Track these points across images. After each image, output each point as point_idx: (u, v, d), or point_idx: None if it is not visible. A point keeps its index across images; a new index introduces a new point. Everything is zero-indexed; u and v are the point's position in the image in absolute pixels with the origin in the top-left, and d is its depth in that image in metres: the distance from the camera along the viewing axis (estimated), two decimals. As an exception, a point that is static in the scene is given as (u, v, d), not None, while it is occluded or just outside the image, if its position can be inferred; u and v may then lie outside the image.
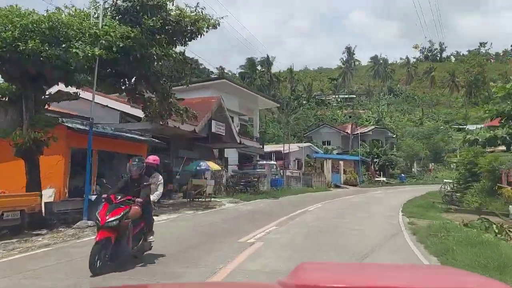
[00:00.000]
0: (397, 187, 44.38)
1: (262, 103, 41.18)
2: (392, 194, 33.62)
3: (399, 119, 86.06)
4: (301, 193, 30.51)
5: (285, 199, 25.20)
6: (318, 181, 39.69)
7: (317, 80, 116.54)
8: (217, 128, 26.26)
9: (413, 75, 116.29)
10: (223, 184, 25.99)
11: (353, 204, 22.67)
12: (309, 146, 47.36)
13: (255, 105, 40.93)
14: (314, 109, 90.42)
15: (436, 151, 61.30)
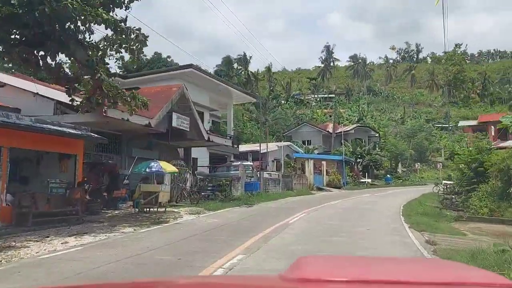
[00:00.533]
0: (384, 189, 40.47)
1: (236, 97, 36.70)
2: (382, 197, 29.54)
3: (380, 118, 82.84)
4: (281, 198, 26.12)
5: (262, 206, 20.74)
6: (299, 183, 35.42)
7: (295, 80, 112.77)
8: (179, 122, 21.64)
9: (392, 75, 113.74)
10: (186, 189, 21.34)
11: (344, 213, 18.36)
12: (289, 146, 43.08)
13: (228, 99, 36.40)
14: (293, 108, 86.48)
15: (420, 150, 57.86)
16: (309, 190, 34.13)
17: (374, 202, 25.06)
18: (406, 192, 36.28)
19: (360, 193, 34.35)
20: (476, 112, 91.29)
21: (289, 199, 25.64)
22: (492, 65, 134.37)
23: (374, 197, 29.83)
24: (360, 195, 30.90)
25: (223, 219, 15.02)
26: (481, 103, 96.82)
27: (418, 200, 26.18)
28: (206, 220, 14.66)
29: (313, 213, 17.78)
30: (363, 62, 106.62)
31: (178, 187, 21.29)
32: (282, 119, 66.64)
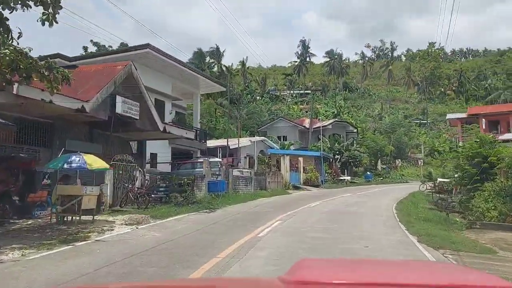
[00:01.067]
0: (366, 188, 37.03)
1: (204, 86, 32.49)
2: (367, 197, 25.95)
3: (357, 114, 79.96)
4: (252, 200, 22.14)
5: (227, 211, 16.70)
6: (274, 181, 31.55)
7: (270, 77, 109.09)
8: (125, 108, 17.36)
9: (368, 72, 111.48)
10: (134, 191, 17.07)
11: (328, 219, 14.50)
12: (263, 141, 39.16)
13: (195, 88, 32.19)
14: (269, 104, 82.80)
15: (400, 146, 54.87)
16: (285, 190, 30.29)
17: (360, 203, 21.37)
18: (390, 191, 32.89)
19: (340, 192, 30.73)
20: (453, 108, 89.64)
21: (261, 201, 21.68)
22: (465, 63, 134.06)
23: (358, 197, 26.23)
24: (341, 195, 27.25)
25: (167, 233, 10.91)
26: (457, 100, 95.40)
27: (410, 200, 22.65)
28: (143, 235, 10.52)
29: (290, 220, 13.87)
30: (339, 58, 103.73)
31: (124, 188, 17.04)
32: (256, 114, 62.77)
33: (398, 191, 32.82)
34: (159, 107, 27.98)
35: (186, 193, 19.44)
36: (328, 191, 31.71)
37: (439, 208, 21.37)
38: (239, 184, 25.81)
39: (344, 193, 28.89)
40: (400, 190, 33.37)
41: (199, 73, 30.42)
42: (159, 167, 26.64)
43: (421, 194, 28.65)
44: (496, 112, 30.63)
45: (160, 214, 14.40)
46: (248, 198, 22.31)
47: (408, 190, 33.03)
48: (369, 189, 34.15)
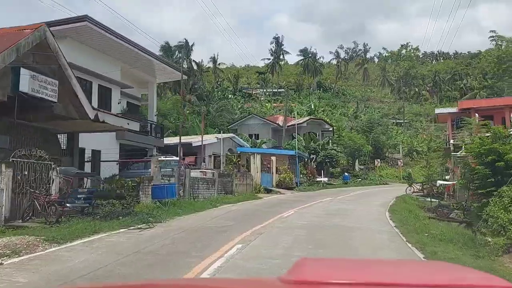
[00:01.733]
0: (345, 190, 33.14)
1: (161, 72, 27.76)
2: (349, 203, 21.91)
3: (332, 113, 76.59)
4: (212, 207, 17.70)
5: (170, 226, 12.17)
6: (243, 183, 27.22)
7: (244, 77, 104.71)
8: (35, 86, 12.63)
9: (342, 71, 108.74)
10: (41, 199, 12.32)
11: (309, 239, 10.16)
12: (232, 138, 34.79)
13: (150, 75, 27.50)
14: (241, 102, 78.53)
15: (377, 146, 51.43)
16: (255, 193, 25.95)
17: (345, 211, 17.25)
18: (374, 194, 29.07)
19: (318, 195, 26.65)
20: (428, 108, 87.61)
21: (223, 209, 17.24)
22: (436, 66, 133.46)
23: (339, 202, 22.17)
24: (320, 199, 23.15)
25: (43, 277, 6.39)
26: (432, 100, 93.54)
27: (403, 207, 18.68)
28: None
29: (256, 243, 9.53)
30: (313, 56, 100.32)
31: (29, 195, 12.31)
32: (226, 111, 58.27)
33: (382, 194, 29.05)
34: (104, 95, 23.31)
35: (126, 200, 14.86)
36: (304, 195, 27.59)
37: (439, 217, 17.51)
38: (199, 188, 21.33)
39: (322, 197, 24.82)
40: (384, 193, 29.63)
41: (152, 56, 25.70)
42: (104, 167, 21.87)
43: (410, 198, 24.89)
44: (490, 107, 27.21)
45: (67, 233, 9.80)
46: (207, 206, 17.86)
47: (392, 193, 29.31)
48: (349, 192, 30.24)
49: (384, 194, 29.42)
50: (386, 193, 30.02)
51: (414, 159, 55.09)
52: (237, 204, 19.96)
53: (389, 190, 34.29)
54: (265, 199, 23.58)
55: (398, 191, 32.36)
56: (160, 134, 27.56)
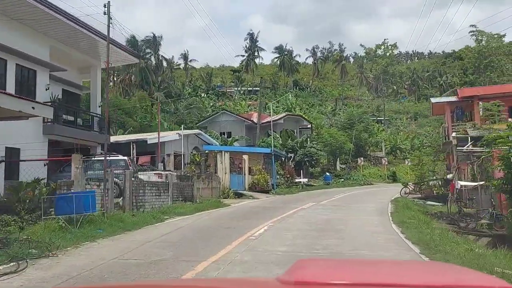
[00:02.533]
0: (328, 192, 28.59)
1: (110, 54, 22.46)
2: (338, 210, 17.23)
3: (309, 111, 72.37)
4: (153, 223, 12.63)
5: (55, 266, 7.13)
6: (207, 187, 22.29)
7: (218, 76, 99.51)
8: None
9: (319, 69, 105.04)
10: None
11: None
12: (198, 135, 29.80)
13: (93, 57, 22.23)
14: (213, 100, 73.49)
15: (358, 143, 47.16)
16: (221, 199, 20.94)
17: (337, 224, 12.53)
18: (362, 197, 24.56)
19: (298, 200, 21.94)
20: (407, 106, 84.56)
21: (169, 226, 12.21)
22: (411, 65, 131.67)
23: (326, 209, 17.47)
24: (301, 205, 18.42)
25: None
26: (410, 98, 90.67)
27: (411, 216, 14.08)
28: None
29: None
30: (289, 54, 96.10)
31: None
32: (197, 108, 53.16)
33: (372, 197, 24.59)
34: (26, 78, 18.02)
35: (30, 216, 9.75)
36: (282, 199, 22.83)
37: (462, 230, 13.01)
38: (146, 195, 16.24)
39: (303, 202, 20.11)
40: (374, 196, 25.19)
41: (97, 34, 20.43)
42: (27, 169, 16.51)
43: (408, 201, 20.43)
44: (498, 94, 23.04)
45: None
46: (150, 220, 12.84)
47: (383, 195, 24.92)
48: (332, 195, 25.65)
49: (374, 196, 24.98)
50: (376, 195, 25.60)
51: (398, 158, 51.24)
52: (193, 215, 14.98)
53: (377, 191, 29.94)
54: (233, 206, 18.64)
55: (387, 192, 28.02)
56: (106, 129, 22.28)
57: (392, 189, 32.15)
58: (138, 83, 65.13)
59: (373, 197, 24.48)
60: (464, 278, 1.49)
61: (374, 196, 24.95)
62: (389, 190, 31.75)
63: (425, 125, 68.45)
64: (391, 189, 32.25)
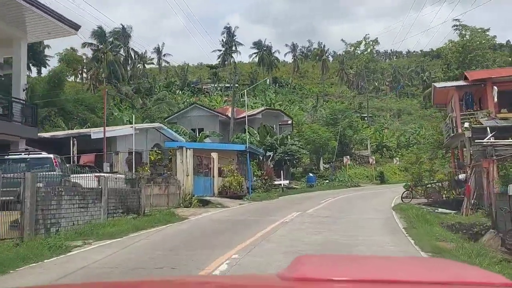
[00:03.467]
0: (312, 196, 24.08)
1: (38, 24, 17.30)
2: (332, 223, 12.62)
3: (290, 108, 67.92)
4: (30, 262, 7.78)
5: None
6: (162, 194, 17.41)
7: (196, 74, 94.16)
8: None
9: (299, 66, 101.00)
10: None
11: None
12: (159, 129, 24.83)
13: (17, 28, 17.03)
14: (187, 95, 68.35)
15: (343, 141, 42.85)
16: (179, 210, 16.04)
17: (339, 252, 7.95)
18: (354, 202, 20.10)
19: (279, 209, 17.28)
20: (388, 103, 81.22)
21: (53, 272, 7.31)
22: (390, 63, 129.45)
23: (315, 222, 12.85)
24: (282, 218, 13.77)
25: None
26: (391, 94, 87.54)
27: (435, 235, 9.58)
28: None
29: None
30: (268, 50, 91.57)
31: None
32: (167, 103, 48.01)
33: (367, 202, 20.16)
34: None
35: None
36: (258, 208, 18.12)
37: None
38: (63, 207, 11.27)
39: (285, 212, 15.48)
40: (369, 201, 20.77)
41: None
42: None
43: (417, 209, 15.97)
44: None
45: None
46: (43, 251, 7.97)
47: (379, 200, 20.59)
48: (319, 200, 21.12)
49: (368, 201, 20.57)
50: (370, 200, 21.22)
51: (384, 156, 47.23)
52: (124, 238, 10.10)
53: (369, 195, 25.61)
54: (190, 221, 13.79)
55: (382, 196, 23.72)
56: (32, 120, 17.18)
57: (385, 192, 27.91)
58: (105, 78, 59.61)
59: (368, 202, 20.05)
60: (464, 274, 1.48)
61: (369, 202, 20.52)
62: (382, 193, 27.49)
63: (410, 122, 65.06)
64: (384, 192, 28.01)
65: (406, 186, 21.06)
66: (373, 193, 27.30)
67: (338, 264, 1.76)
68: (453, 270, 1.62)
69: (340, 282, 1.30)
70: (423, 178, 24.92)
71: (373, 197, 23.80)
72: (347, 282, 1.30)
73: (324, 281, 1.31)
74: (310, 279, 1.32)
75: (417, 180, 24.83)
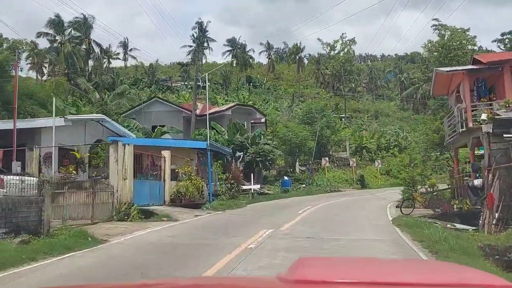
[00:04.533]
0: (287, 205, 19.78)
1: None
2: (315, 247, 8.31)
3: (264, 107, 63.77)
4: None
5: None
6: (87, 203, 12.77)
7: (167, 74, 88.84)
8: None
9: (274, 65, 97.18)
10: None
11: None
12: (101, 121, 19.98)
13: None
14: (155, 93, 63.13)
15: (321, 141, 38.76)
16: (98, 230, 11.35)
17: None
18: (340, 213, 15.84)
19: (243, 225, 12.87)
20: (365, 104, 78.18)
21: None
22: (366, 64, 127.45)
23: (293, 248, 8.55)
24: (246, 241, 9.37)
25: None
26: (367, 96, 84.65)
27: None
28: None
29: None
30: (242, 48, 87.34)
31: None
32: (128, 99, 42.89)
33: (354, 213, 15.99)
34: None
35: None
36: (216, 223, 13.63)
37: None
38: None
39: (251, 230, 11.08)
40: (356, 212, 16.60)
41: None
42: None
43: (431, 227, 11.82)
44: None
45: None
46: None
47: (369, 210, 16.47)
48: (296, 209, 16.85)
49: (358, 211, 16.42)
50: (359, 210, 17.08)
51: (364, 159, 43.54)
52: None
53: (353, 203, 21.54)
54: (106, 247, 9.08)
55: (369, 204, 19.70)
56: None
57: (370, 199, 23.96)
58: (63, 70, 53.94)
59: (357, 213, 15.88)
60: (465, 277, 1.47)
61: (358, 212, 16.36)
62: (367, 199, 23.54)
63: (388, 123, 61.98)
64: (369, 199, 24.07)
65: (406, 193, 16.75)
66: (357, 200, 23.28)
67: (339, 266, 1.72)
68: (453, 272, 1.59)
69: (341, 285, 1.26)
70: (416, 183, 21.10)
71: (360, 205, 19.73)
72: (348, 285, 1.26)
73: (325, 283, 1.28)
74: (310, 281, 1.28)
75: (410, 185, 20.96)
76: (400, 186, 38.36)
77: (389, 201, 21.49)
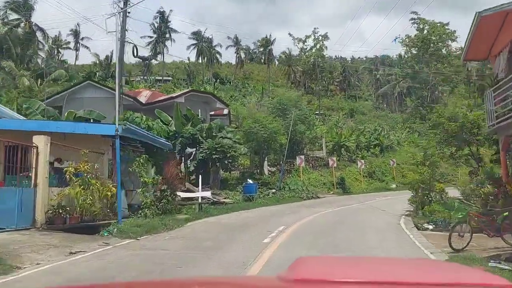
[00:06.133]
0: (248, 224, 12.65)
1: None
2: None
3: (231, 103, 56.54)
4: None
5: None
6: None
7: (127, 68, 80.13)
8: None
9: (243, 60, 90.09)
10: None
11: None
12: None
13: None
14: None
15: (294, 138, 31.65)
16: None
17: None
18: (332, 237, 8.77)
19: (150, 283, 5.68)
20: (339, 102, 72.46)
21: None
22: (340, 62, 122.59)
23: None
24: None
25: None
26: (340, 95, 78.89)
27: None
28: None
29: None
30: (208, 42, 79.65)
31: None
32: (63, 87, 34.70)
33: (366, 244, 8.91)
34: None
35: None
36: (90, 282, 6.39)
37: None
38: None
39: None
40: (362, 236, 9.54)
41: None
42: None
43: None
44: None
45: None
46: None
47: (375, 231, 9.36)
48: (262, 233, 9.78)
49: (364, 238, 9.41)
50: (361, 234, 10.09)
51: (343, 159, 36.94)
52: None
53: (343, 217, 14.61)
54: None
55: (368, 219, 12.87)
56: None
57: (364, 210, 17.19)
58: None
59: (366, 245, 8.91)
60: (464, 276, 1.44)
61: (365, 242, 9.39)
62: (361, 211, 16.72)
63: (365, 121, 56.06)
64: (363, 210, 17.29)
65: (461, 212, 8.81)
66: (348, 213, 16.35)
67: (339, 265, 1.67)
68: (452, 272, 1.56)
69: (340, 284, 1.25)
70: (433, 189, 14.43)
71: (357, 223, 12.82)
72: (348, 284, 1.24)
73: (325, 282, 1.26)
74: (310, 280, 1.27)
75: (425, 191, 14.28)
76: (388, 191, 32.58)
77: (394, 215, 14.78)
